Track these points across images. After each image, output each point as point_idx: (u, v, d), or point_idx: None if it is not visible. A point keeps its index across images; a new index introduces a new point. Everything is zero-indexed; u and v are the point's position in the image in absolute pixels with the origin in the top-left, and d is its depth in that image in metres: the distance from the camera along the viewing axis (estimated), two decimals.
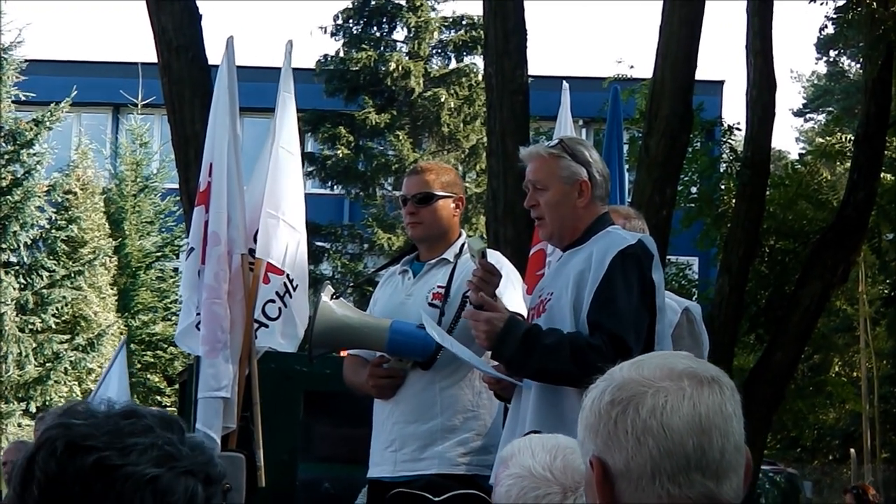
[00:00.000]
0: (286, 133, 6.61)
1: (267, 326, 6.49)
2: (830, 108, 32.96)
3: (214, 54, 9.40)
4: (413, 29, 27.54)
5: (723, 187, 15.69)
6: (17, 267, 21.97)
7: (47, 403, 19.67)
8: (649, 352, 4.20)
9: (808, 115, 41.45)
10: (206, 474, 2.01)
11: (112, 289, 24.02)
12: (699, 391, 2.00)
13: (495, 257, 4.99)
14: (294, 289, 6.47)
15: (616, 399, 2.01)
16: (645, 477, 1.97)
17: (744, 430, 2.04)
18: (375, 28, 27.93)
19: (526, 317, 4.66)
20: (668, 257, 13.36)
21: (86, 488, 1.92)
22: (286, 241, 6.49)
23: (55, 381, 21.49)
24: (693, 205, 15.53)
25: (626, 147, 12.89)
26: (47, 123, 22.42)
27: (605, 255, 4.35)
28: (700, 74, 10.87)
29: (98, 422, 1.98)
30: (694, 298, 16.32)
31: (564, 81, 7.69)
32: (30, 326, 21.61)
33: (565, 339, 4.32)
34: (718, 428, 1.99)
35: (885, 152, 14.27)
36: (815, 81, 41.69)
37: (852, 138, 15.10)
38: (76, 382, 21.84)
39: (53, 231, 22.71)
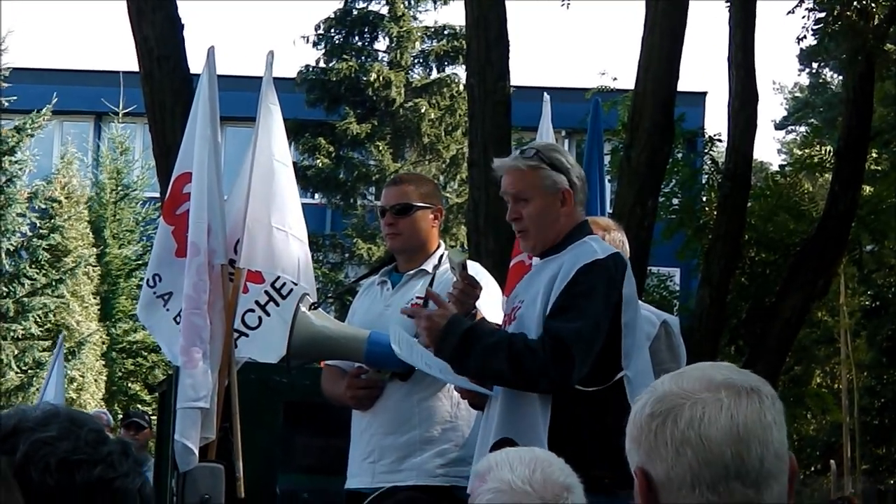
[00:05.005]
0: (278, 145, 6.57)
1: (247, 336, 6.48)
2: (812, 120, 33.02)
3: (196, 63, 9.41)
4: (395, 39, 27.52)
5: (704, 199, 15.73)
6: None
7: None
8: (611, 367, 4.23)
9: (789, 127, 41.49)
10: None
11: (95, 297, 23.94)
12: (737, 401, 2.06)
13: (475, 269, 4.97)
14: (284, 297, 6.45)
15: (656, 411, 2.08)
16: (685, 486, 2.03)
17: (786, 439, 2.09)
18: (357, 38, 27.91)
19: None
20: (650, 268, 13.36)
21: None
22: (297, 254, 6.49)
23: (37, 389, 21.40)
24: (674, 216, 15.56)
25: (607, 158, 12.94)
26: (29, 130, 22.35)
27: (573, 266, 4.33)
28: (682, 85, 10.90)
29: (65, 434, 1.94)
30: (675, 310, 16.37)
31: (545, 93, 7.68)
32: (11, 334, 21.53)
33: (505, 339, 4.32)
34: (757, 437, 2.04)
35: (866, 164, 14.30)
36: (797, 93, 41.75)
37: (831, 150, 15.16)
38: None
39: (35, 239, 22.63)
